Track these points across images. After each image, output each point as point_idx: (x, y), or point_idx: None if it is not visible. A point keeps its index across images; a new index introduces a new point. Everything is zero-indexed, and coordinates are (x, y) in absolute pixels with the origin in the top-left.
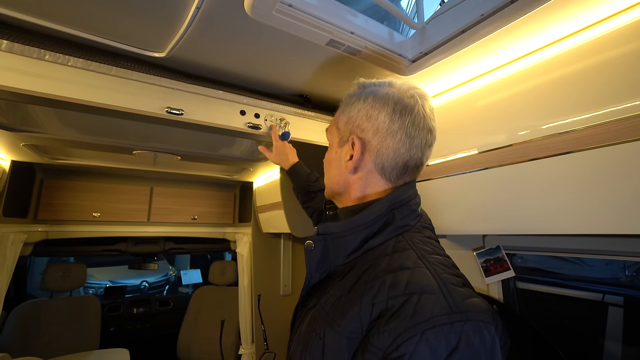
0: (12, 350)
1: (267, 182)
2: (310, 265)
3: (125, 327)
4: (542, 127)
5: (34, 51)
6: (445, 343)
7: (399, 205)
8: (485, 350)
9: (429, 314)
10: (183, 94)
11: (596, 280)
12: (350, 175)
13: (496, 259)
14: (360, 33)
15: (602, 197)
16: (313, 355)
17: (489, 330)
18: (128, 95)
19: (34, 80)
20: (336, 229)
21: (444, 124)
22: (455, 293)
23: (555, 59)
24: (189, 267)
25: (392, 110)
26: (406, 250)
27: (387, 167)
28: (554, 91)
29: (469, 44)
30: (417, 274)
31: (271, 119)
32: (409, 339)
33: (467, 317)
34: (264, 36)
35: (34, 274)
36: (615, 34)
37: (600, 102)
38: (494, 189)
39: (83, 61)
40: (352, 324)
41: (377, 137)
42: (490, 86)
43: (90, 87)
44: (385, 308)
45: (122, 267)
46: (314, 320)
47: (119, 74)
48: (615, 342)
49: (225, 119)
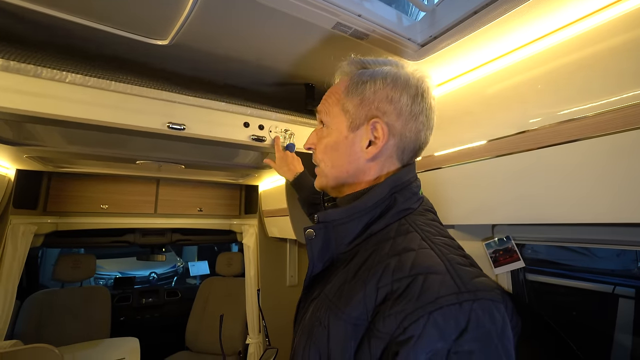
0: (26, 337)
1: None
2: (312, 254)
3: (134, 316)
4: (555, 113)
5: (31, 69)
6: (454, 324)
7: (400, 189)
8: (496, 329)
9: (436, 294)
10: (184, 107)
11: (607, 272)
12: (365, 162)
13: (505, 249)
14: (368, 16)
15: (617, 185)
16: (318, 345)
17: (499, 309)
18: (128, 112)
19: (31, 100)
20: (336, 215)
21: (453, 112)
22: (462, 272)
23: (570, 42)
24: (197, 258)
25: (415, 92)
26: (410, 232)
27: (407, 151)
28: (567, 76)
29: (481, 26)
30: (422, 255)
31: (276, 130)
32: (415, 321)
33: (475, 296)
34: (268, 20)
35: (46, 266)
36: (633, 15)
37: (618, 87)
38: (504, 178)
39: (81, 77)
40: (357, 310)
41: (401, 120)
42: (500, 72)
43: (89, 105)
44: (390, 291)
45: (131, 258)
46: (318, 310)
47: (118, 89)
48: (625, 334)
49: (229, 132)
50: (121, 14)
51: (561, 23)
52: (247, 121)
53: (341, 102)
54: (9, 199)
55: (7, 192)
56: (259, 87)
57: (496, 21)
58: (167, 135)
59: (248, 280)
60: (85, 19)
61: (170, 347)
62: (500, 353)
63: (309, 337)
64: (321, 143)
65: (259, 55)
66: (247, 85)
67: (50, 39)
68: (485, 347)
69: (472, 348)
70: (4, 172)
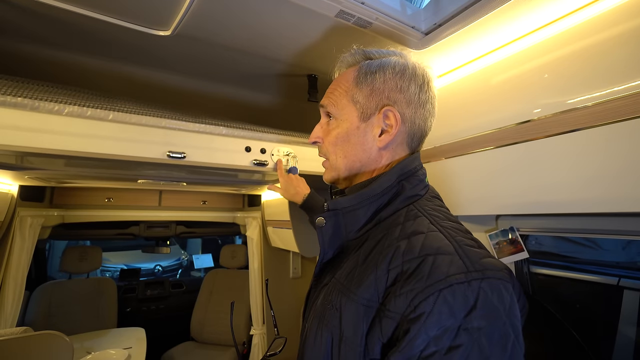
0: (36, 327)
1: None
2: (323, 241)
3: (140, 308)
4: (561, 102)
5: (27, 103)
6: (463, 301)
7: (407, 176)
8: (504, 307)
9: (445, 273)
10: (184, 134)
11: (612, 264)
12: (378, 150)
13: (509, 240)
14: (371, 3)
15: (622, 174)
16: (330, 328)
17: (507, 288)
18: (127, 142)
19: (29, 136)
20: (346, 203)
21: (457, 102)
22: (470, 253)
23: (575, 29)
24: (201, 251)
25: (422, 81)
26: (418, 217)
27: (415, 138)
28: (574, 64)
29: (485, 14)
30: (431, 237)
31: (278, 154)
32: (426, 299)
33: (484, 275)
34: (270, 9)
35: (54, 258)
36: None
37: (626, 75)
38: (509, 168)
39: (79, 108)
40: (368, 291)
41: (411, 108)
42: (505, 61)
43: (87, 137)
44: (400, 272)
45: (136, 251)
46: (329, 294)
47: (117, 118)
48: (630, 326)
49: (230, 158)
50: (123, 3)
51: (566, 10)
52: (248, 145)
53: (350, 93)
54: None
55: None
56: (262, 79)
57: (501, 8)
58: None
59: (252, 272)
60: (87, 9)
61: (175, 337)
62: (509, 330)
63: (321, 321)
64: (330, 135)
65: (262, 45)
66: (250, 78)
67: (51, 31)
68: (494, 324)
69: (480, 325)
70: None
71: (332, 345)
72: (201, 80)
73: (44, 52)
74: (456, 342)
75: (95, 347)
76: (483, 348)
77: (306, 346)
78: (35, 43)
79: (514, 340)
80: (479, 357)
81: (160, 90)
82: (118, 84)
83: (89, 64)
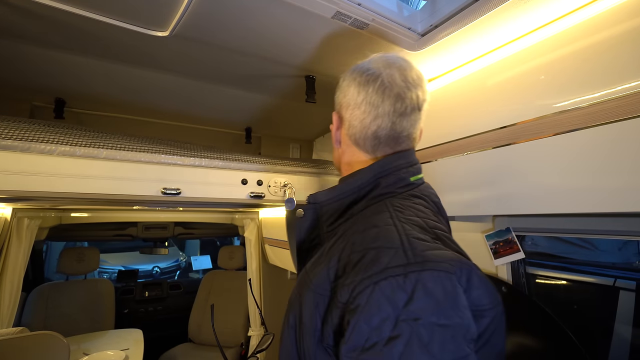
0: (32, 328)
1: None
2: (300, 231)
3: (138, 309)
4: (556, 103)
5: (18, 145)
6: (401, 293)
7: (386, 174)
8: (445, 298)
9: (384, 265)
10: (179, 169)
11: (608, 265)
12: (337, 150)
13: (505, 240)
14: (368, 5)
15: (617, 175)
16: (296, 315)
17: (450, 279)
18: (120, 181)
19: (20, 180)
20: (324, 196)
21: (453, 103)
22: (417, 245)
23: (571, 30)
24: (199, 253)
25: (359, 82)
26: (382, 212)
27: (359, 139)
28: (570, 65)
29: (482, 15)
30: (382, 231)
31: (275, 185)
32: (363, 290)
33: (423, 267)
34: (268, 9)
35: (51, 260)
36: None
37: (621, 75)
38: (505, 168)
39: (70, 148)
40: (321, 280)
41: (348, 111)
42: (501, 62)
43: (79, 178)
44: (347, 262)
45: (134, 253)
46: (298, 283)
47: (109, 156)
48: (626, 326)
49: (226, 192)
50: (120, 4)
51: (562, 12)
52: (244, 178)
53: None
54: None
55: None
56: (259, 80)
57: (497, 9)
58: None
59: (250, 273)
60: (84, 9)
61: (173, 339)
62: (448, 320)
63: (290, 308)
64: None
65: (259, 46)
66: (248, 78)
67: (49, 31)
68: (432, 314)
69: (418, 315)
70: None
71: (295, 330)
72: (198, 81)
73: (42, 52)
74: (395, 333)
75: (92, 349)
76: (421, 337)
77: (282, 334)
78: (33, 43)
79: (452, 330)
80: (419, 346)
81: (156, 91)
82: (115, 84)
83: (86, 64)
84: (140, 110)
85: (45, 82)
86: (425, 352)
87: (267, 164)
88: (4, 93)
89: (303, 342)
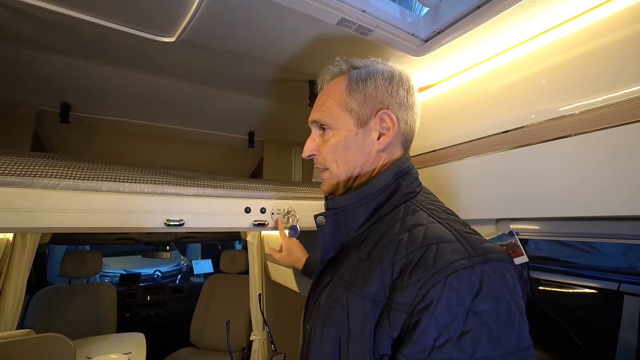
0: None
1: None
2: (324, 240)
3: (139, 313)
4: (559, 108)
5: (21, 181)
6: (469, 285)
7: (403, 174)
8: (507, 288)
9: (450, 260)
10: (182, 200)
11: (613, 269)
12: (377, 153)
13: (509, 244)
14: (372, 11)
15: (620, 178)
16: (337, 325)
17: (508, 269)
18: (123, 214)
19: (24, 216)
20: (344, 202)
21: (456, 107)
22: (470, 239)
23: (574, 35)
24: (200, 257)
25: (409, 86)
26: (417, 211)
27: (408, 139)
28: (573, 70)
29: (484, 21)
30: (431, 228)
31: (278, 212)
32: (433, 286)
33: (485, 258)
34: (274, 16)
35: (53, 263)
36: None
37: (624, 80)
38: (508, 171)
39: (73, 182)
40: (374, 286)
41: (402, 111)
42: (503, 67)
43: (82, 212)
44: (405, 264)
45: (136, 257)
46: (334, 292)
47: (111, 188)
48: (631, 332)
49: (230, 221)
50: (128, 10)
51: (565, 17)
52: (248, 206)
53: (343, 102)
54: None
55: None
56: (263, 85)
57: (499, 16)
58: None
59: (252, 277)
60: (91, 15)
61: (175, 343)
62: (514, 309)
63: (326, 320)
64: (327, 145)
65: (264, 51)
66: (252, 83)
67: (54, 36)
68: (500, 305)
69: (488, 307)
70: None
71: (339, 343)
72: (202, 85)
73: (49, 57)
74: (466, 327)
75: (94, 353)
76: (492, 329)
77: (311, 347)
78: (40, 49)
79: (519, 318)
80: (489, 338)
81: (161, 96)
82: (120, 88)
83: (92, 70)
84: (145, 115)
85: (51, 87)
86: (497, 344)
87: (270, 191)
88: (10, 97)
89: (349, 353)
